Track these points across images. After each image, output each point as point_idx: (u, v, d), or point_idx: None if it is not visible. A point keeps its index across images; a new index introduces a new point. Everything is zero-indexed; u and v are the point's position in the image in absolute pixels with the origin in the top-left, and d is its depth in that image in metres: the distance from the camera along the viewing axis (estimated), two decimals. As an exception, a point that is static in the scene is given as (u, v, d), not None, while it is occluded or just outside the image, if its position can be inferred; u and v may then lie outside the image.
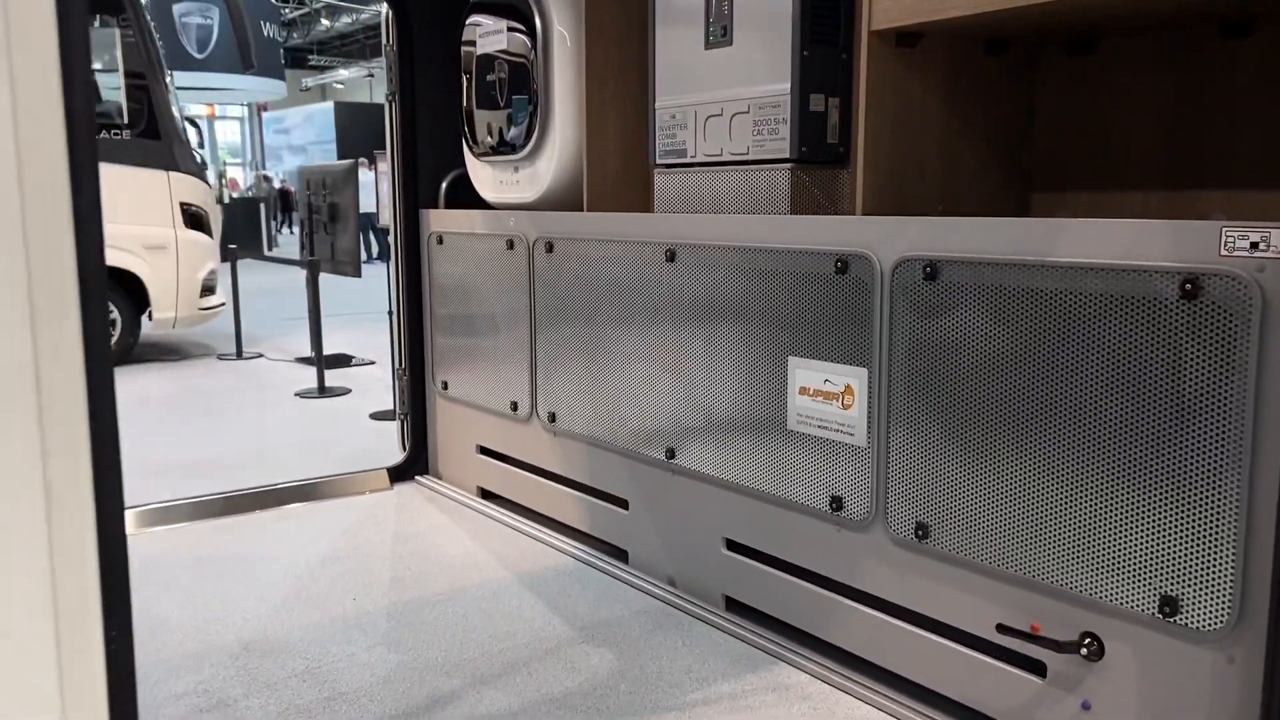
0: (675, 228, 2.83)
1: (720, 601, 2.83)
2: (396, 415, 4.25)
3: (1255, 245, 1.67)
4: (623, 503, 3.16)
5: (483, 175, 3.71)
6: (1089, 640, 1.96)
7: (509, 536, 3.49)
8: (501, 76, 3.48)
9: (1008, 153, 2.74)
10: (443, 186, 3.97)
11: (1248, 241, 1.68)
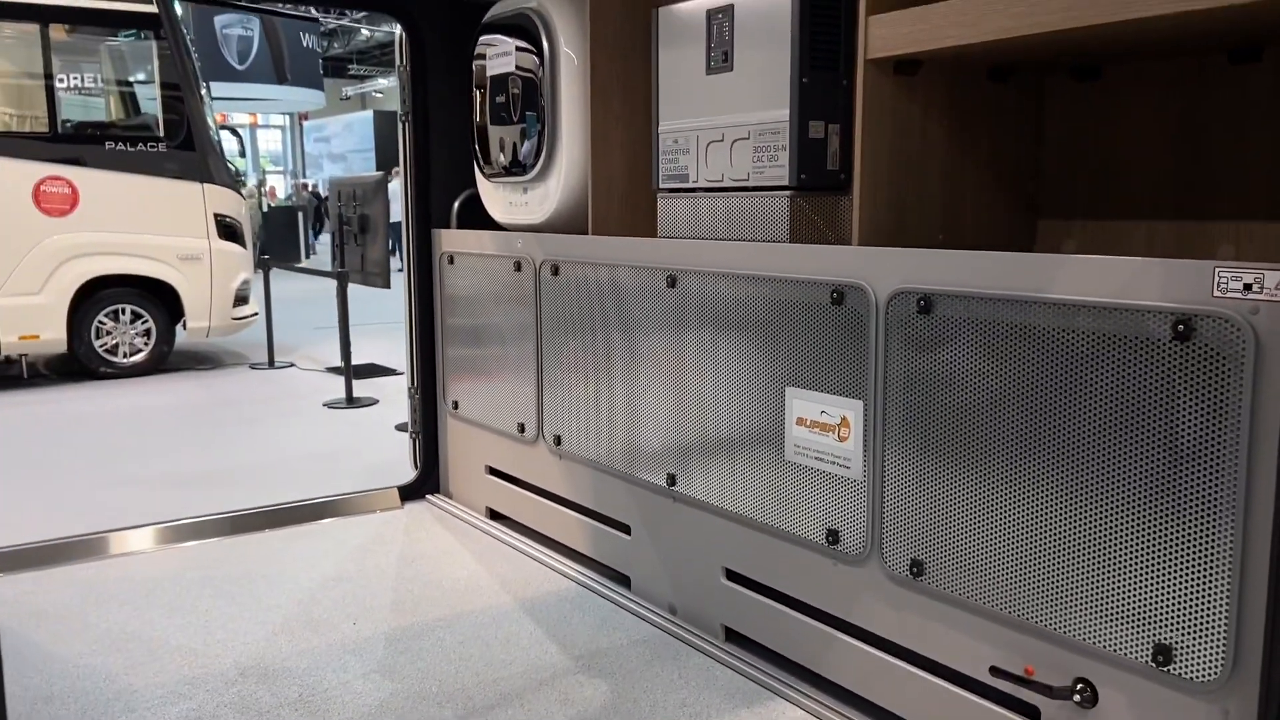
0: (676, 253, 2.80)
1: (720, 632, 2.79)
2: (409, 433, 4.26)
3: (1249, 287, 1.62)
4: (625, 528, 3.14)
5: (493, 196, 3.71)
6: (1082, 686, 1.91)
7: (514, 559, 3.48)
8: (514, 94, 3.47)
9: (1013, 181, 2.69)
10: (454, 206, 3.97)
11: (1241, 283, 1.63)
